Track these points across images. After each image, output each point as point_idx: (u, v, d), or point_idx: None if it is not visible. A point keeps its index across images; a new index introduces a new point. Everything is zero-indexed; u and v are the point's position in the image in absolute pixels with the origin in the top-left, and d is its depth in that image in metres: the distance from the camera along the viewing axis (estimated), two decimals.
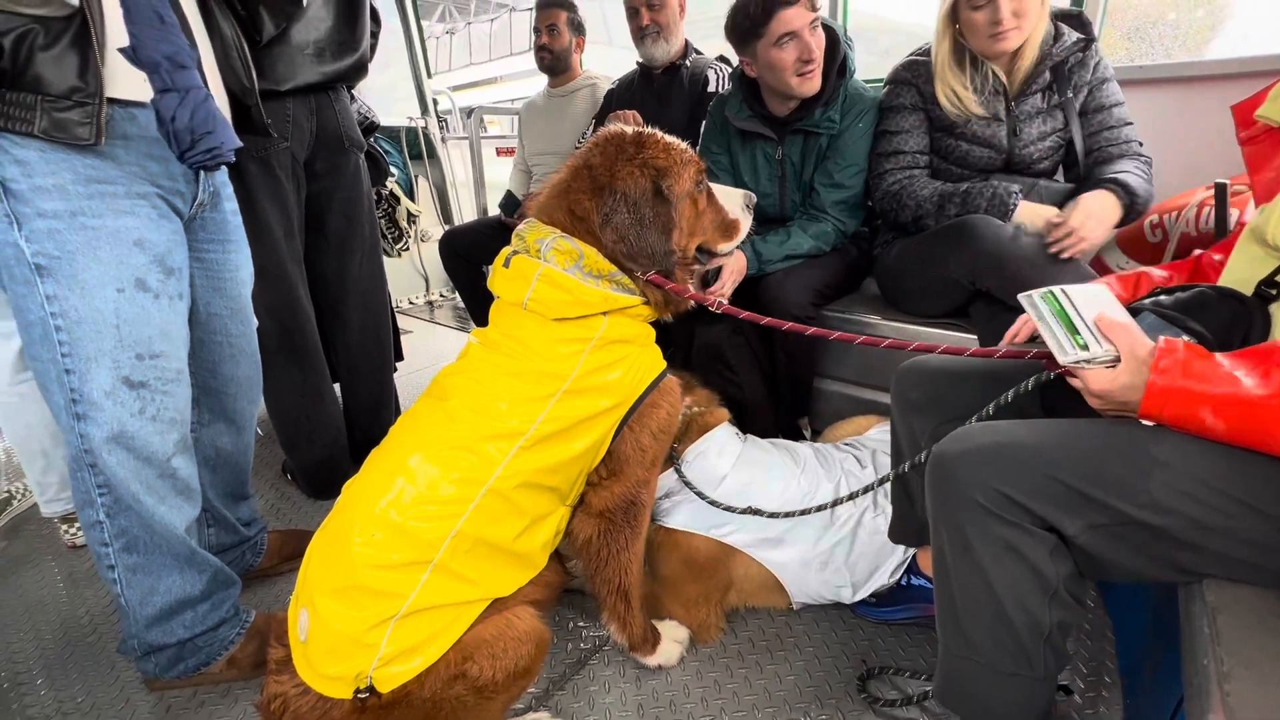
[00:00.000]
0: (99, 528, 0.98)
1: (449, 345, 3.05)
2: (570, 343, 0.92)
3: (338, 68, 1.50)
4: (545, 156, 2.44)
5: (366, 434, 1.77)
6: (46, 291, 0.87)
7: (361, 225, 1.67)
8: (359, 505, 0.87)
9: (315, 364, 1.59)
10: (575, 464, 0.94)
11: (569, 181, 0.95)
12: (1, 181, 0.82)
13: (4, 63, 0.78)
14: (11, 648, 1.24)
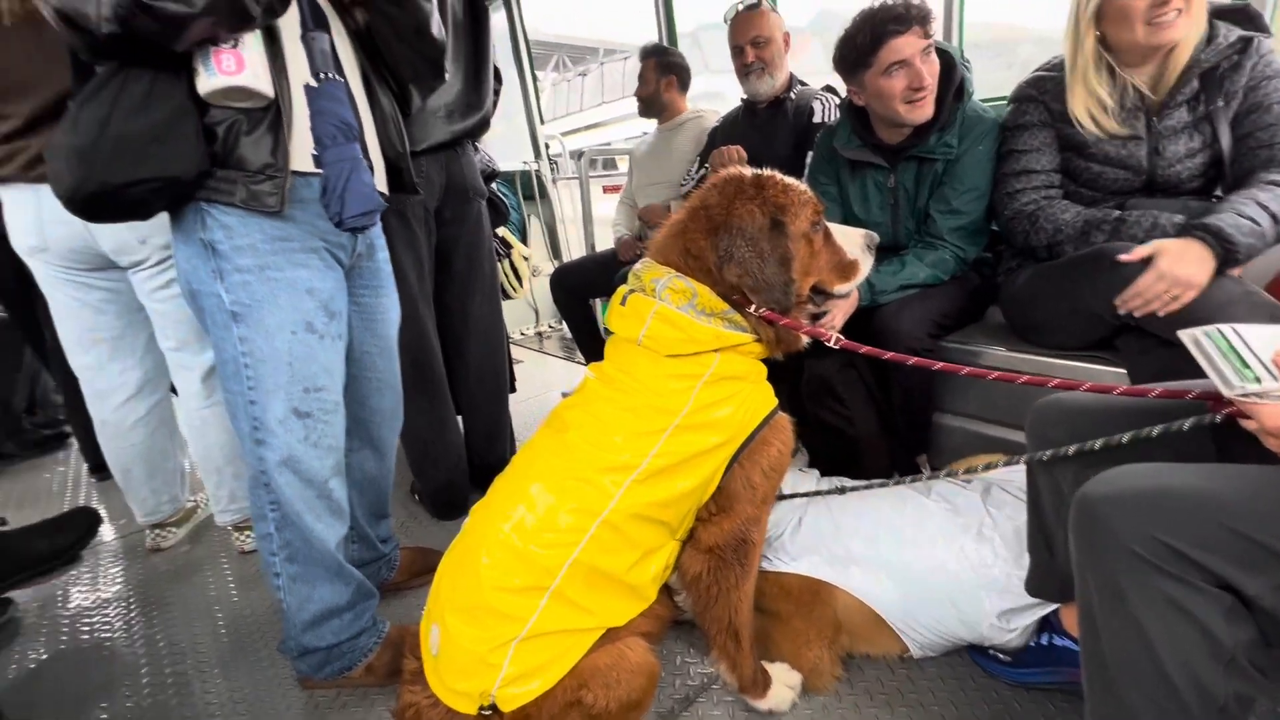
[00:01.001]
0: (269, 539, 1.12)
1: (557, 374, 3.19)
2: (682, 379, 0.94)
3: (465, 126, 1.67)
4: (651, 188, 2.52)
5: (484, 459, 1.89)
6: (239, 334, 1.01)
7: (483, 266, 1.81)
8: (484, 528, 0.94)
9: (441, 395, 1.73)
10: (686, 499, 0.95)
11: (685, 222, 0.99)
12: (210, 243, 0.97)
13: (217, 147, 0.94)
14: (195, 639, 1.43)
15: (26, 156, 1.31)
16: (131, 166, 0.88)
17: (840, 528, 1.17)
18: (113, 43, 0.82)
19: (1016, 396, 1.37)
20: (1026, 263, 1.45)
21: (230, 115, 0.93)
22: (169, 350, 1.59)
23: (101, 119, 0.87)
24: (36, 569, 1.30)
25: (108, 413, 1.62)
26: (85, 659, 1.40)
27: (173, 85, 0.89)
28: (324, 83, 0.98)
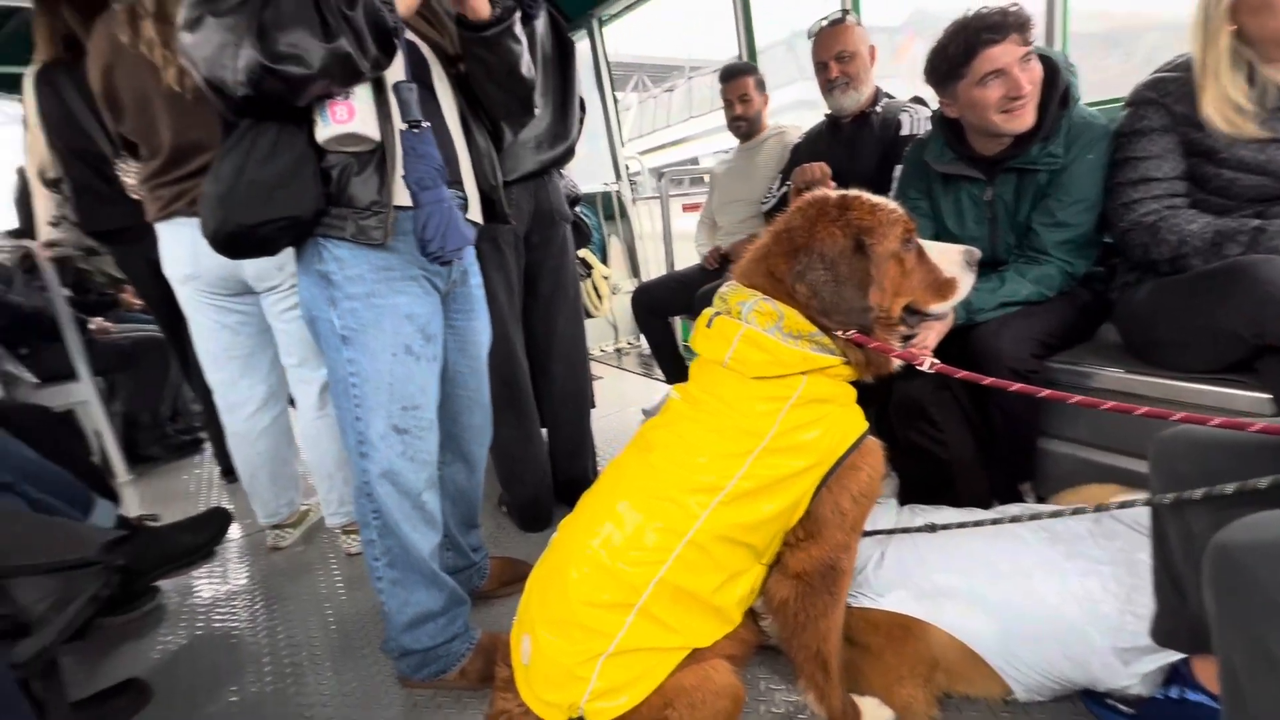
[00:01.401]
0: (372, 545, 1.20)
1: (636, 390, 3.23)
2: (768, 401, 0.94)
3: (552, 155, 1.75)
4: (732, 206, 2.53)
5: (567, 474, 1.94)
6: (348, 356, 1.11)
7: (567, 288, 1.88)
8: (573, 543, 0.97)
9: (528, 411, 1.81)
10: (772, 523, 0.95)
11: (769, 245, 0.99)
12: (326, 274, 1.07)
13: (331, 188, 1.04)
14: (310, 633, 1.55)
15: (191, 195, 1.51)
16: (261, 209, 0.99)
17: (926, 561, 1.12)
18: (248, 103, 0.94)
19: (1135, 422, 1.25)
20: (1146, 276, 1.34)
21: (343, 159, 1.03)
22: (290, 366, 1.75)
23: (237, 168, 0.99)
24: (180, 561, 1.47)
25: (238, 423, 1.81)
26: (217, 645, 1.55)
27: (295, 136, 1.00)
28: (418, 129, 1.05)
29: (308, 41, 0.90)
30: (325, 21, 0.90)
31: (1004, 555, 1.09)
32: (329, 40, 0.91)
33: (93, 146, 1.99)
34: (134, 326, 2.87)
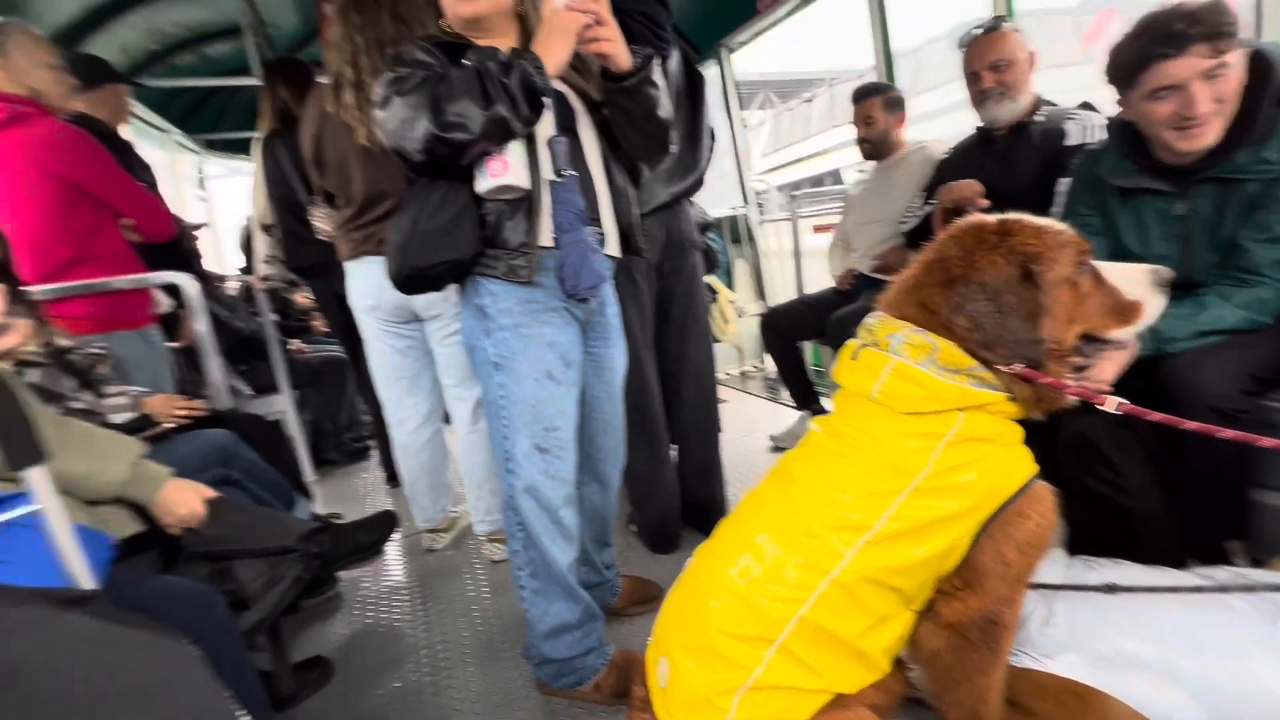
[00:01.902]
0: (516, 555, 1.30)
1: (761, 415, 3.18)
2: (921, 438, 0.89)
3: (683, 186, 1.80)
4: (868, 227, 2.44)
5: (696, 496, 1.96)
6: (498, 380, 1.22)
7: (698, 313, 1.92)
8: (711, 571, 0.98)
9: (658, 434, 1.85)
10: (923, 567, 0.89)
11: (920, 276, 0.95)
12: (481, 307, 1.19)
13: (487, 232, 1.16)
14: (459, 632, 1.69)
15: (378, 238, 1.74)
16: (431, 254, 1.14)
17: (1107, 623, 0.99)
18: (424, 165, 1.10)
19: None
20: None
21: (498, 207, 1.15)
22: (448, 386, 1.94)
23: (413, 221, 1.15)
24: (356, 556, 1.67)
25: (403, 436, 2.03)
26: (381, 635, 1.74)
27: (459, 190, 1.14)
28: (564, 179, 1.16)
29: (471, 110, 1.03)
30: (486, 91, 1.03)
31: (1208, 626, 0.94)
32: (488, 107, 1.03)
33: (296, 198, 2.35)
34: (321, 348, 3.33)
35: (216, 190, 5.26)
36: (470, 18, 1.16)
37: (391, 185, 1.69)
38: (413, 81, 1.06)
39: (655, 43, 1.55)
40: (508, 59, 1.05)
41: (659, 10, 1.55)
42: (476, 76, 1.03)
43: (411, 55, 1.14)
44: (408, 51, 1.15)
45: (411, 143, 1.05)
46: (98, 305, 1.79)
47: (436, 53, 1.14)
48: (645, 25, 1.50)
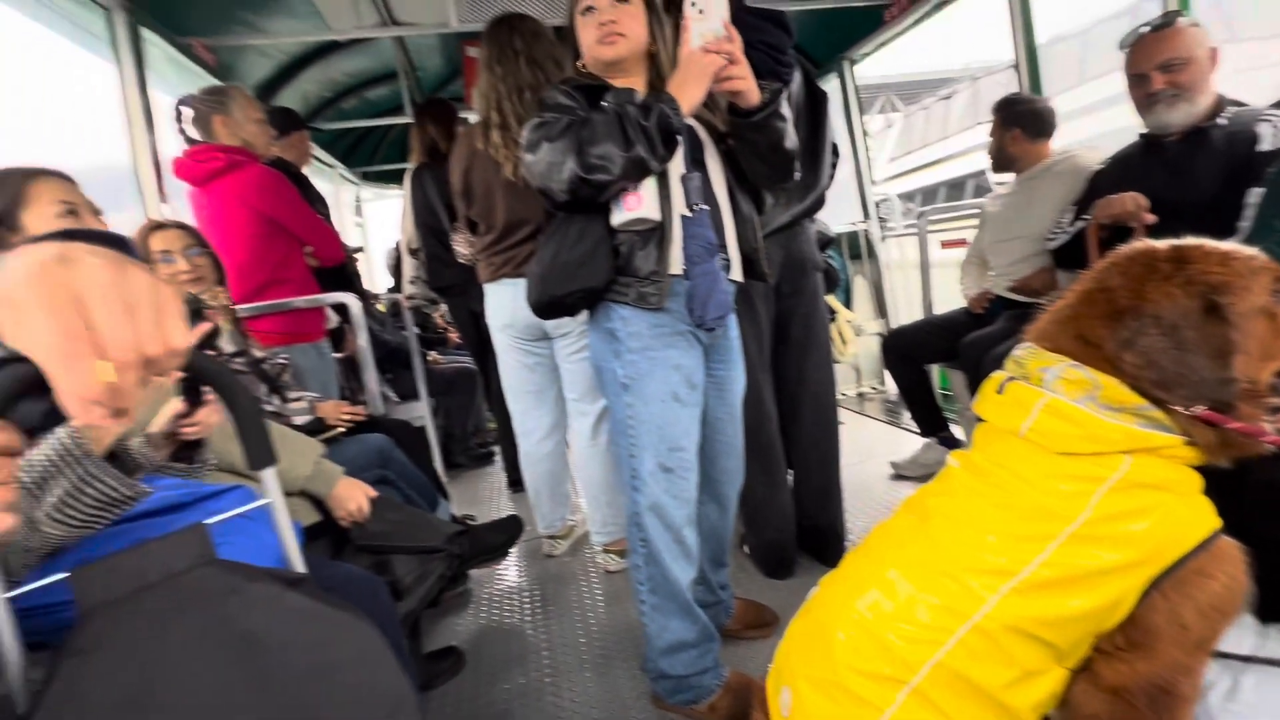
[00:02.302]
0: (638, 570, 1.34)
1: (880, 439, 3.04)
2: (1077, 481, 0.83)
3: (803, 207, 1.79)
4: (1007, 244, 2.27)
5: (813, 522, 1.91)
6: (627, 400, 1.27)
7: (818, 334, 1.89)
8: (837, 602, 0.96)
9: (774, 457, 1.83)
10: (1079, 622, 0.82)
11: (1078, 306, 0.88)
12: (612, 330, 1.26)
13: (620, 261, 1.23)
14: (576, 637, 1.77)
15: (516, 262, 1.89)
16: (568, 283, 1.22)
17: None
18: (566, 204, 1.19)
19: None
20: None
21: (630, 237, 1.22)
22: (571, 400, 2.05)
23: (554, 253, 1.24)
24: (487, 556, 1.80)
25: (529, 447, 2.16)
26: (504, 633, 1.85)
27: (595, 223, 1.22)
28: (695, 212, 1.21)
29: (612, 152, 1.10)
30: (626, 134, 1.10)
31: None
32: (628, 150, 1.10)
33: (440, 225, 2.60)
34: (454, 359, 3.63)
35: (370, 217, 5.91)
36: (611, 60, 1.24)
37: (530, 214, 1.84)
38: (558, 127, 1.15)
39: (777, 70, 1.56)
40: (646, 102, 1.12)
41: (781, 37, 1.57)
42: (617, 120, 1.11)
43: (554, 100, 1.23)
44: (551, 96, 1.25)
45: (558, 184, 1.15)
46: (284, 321, 2.08)
47: (576, 96, 1.23)
48: (767, 53, 1.52)
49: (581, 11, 1.24)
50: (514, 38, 1.80)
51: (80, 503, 0.76)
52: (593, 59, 1.27)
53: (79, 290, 0.43)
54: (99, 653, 0.56)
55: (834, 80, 3.55)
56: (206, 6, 2.55)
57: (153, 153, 2.12)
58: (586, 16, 1.24)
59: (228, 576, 0.64)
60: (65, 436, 0.74)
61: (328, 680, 0.63)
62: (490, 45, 1.82)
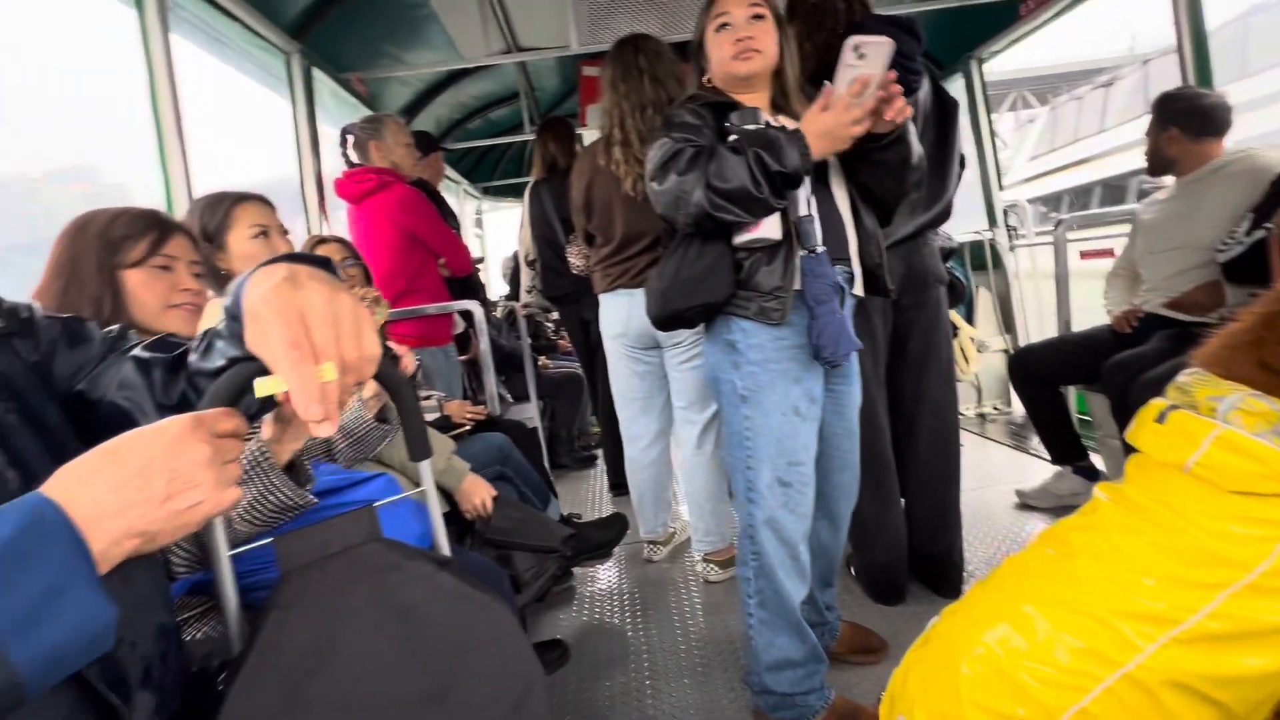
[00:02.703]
0: (748, 583, 1.33)
1: (1001, 464, 2.83)
2: (1255, 524, 0.74)
3: (928, 217, 1.71)
4: (1164, 255, 2.05)
5: (927, 549, 1.82)
6: (744, 412, 1.28)
7: (940, 350, 1.79)
8: (961, 634, 0.91)
9: (887, 477, 1.76)
10: (1258, 684, 0.73)
11: (1260, 329, 0.79)
12: (732, 342, 1.27)
13: (741, 275, 1.24)
14: (675, 643, 1.79)
15: (631, 273, 1.97)
16: (689, 298, 1.26)
17: None
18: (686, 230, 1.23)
19: None
20: None
21: (754, 254, 1.23)
22: (679, 408, 2.08)
23: (675, 269, 1.27)
24: (591, 553, 1.87)
25: (634, 452, 2.22)
26: (605, 632, 1.91)
27: (716, 239, 1.24)
28: (812, 258, 1.19)
29: (740, 194, 1.12)
30: (755, 177, 1.11)
31: None
32: (757, 191, 1.11)
33: (555, 237, 2.74)
34: (562, 365, 3.79)
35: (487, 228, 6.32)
36: (745, 75, 1.26)
37: (647, 227, 1.90)
38: (685, 158, 1.17)
39: (906, 79, 1.51)
40: (778, 141, 1.11)
41: (911, 44, 1.52)
42: (749, 164, 1.11)
43: (681, 119, 1.25)
44: (678, 115, 1.27)
45: (683, 217, 1.19)
46: (419, 326, 2.29)
47: (704, 113, 1.26)
48: (896, 61, 1.48)
49: (716, 28, 1.26)
50: (638, 57, 1.88)
51: (265, 507, 0.90)
52: (725, 74, 1.28)
53: (303, 306, 0.52)
54: (295, 608, 0.65)
55: (959, 81, 3.36)
56: (361, 45, 2.87)
57: (316, 175, 2.42)
58: (721, 32, 1.25)
59: (390, 553, 0.73)
60: (255, 449, 0.88)
61: (470, 655, 0.70)
62: (615, 64, 1.90)
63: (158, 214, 1.06)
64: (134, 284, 0.99)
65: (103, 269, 0.97)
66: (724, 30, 1.25)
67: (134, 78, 1.70)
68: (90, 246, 0.97)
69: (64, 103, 5.01)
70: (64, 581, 0.43)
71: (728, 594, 2.01)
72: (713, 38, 1.27)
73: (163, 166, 1.68)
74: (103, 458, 0.49)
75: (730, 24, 1.24)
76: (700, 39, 1.32)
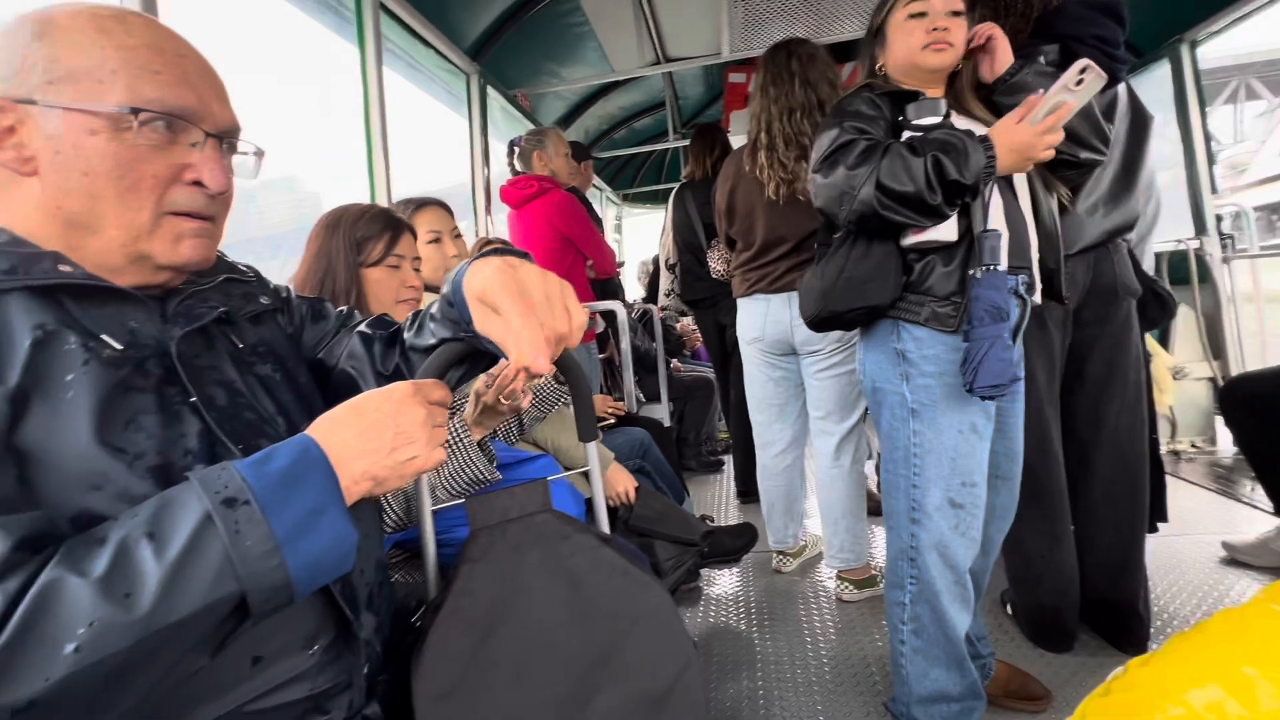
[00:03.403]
0: (901, 608, 1.26)
1: (1203, 509, 2.42)
2: None
3: (1119, 223, 1.52)
4: None
5: (1103, 594, 1.61)
6: (914, 428, 1.20)
7: (1127, 372, 1.59)
8: (1159, 690, 0.80)
9: (1057, 506, 1.58)
10: None
11: None
12: (902, 351, 1.20)
13: (912, 277, 1.18)
14: (807, 659, 1.74)
15: (771, 277, 1.96)
16: (854, 299, 1.20)
17: None
18: (845, 227, 1.18)
19: None
20: None
21: (930, 256, 1.16)
22: (815, 418, 2.03)
23: (839, 268, 1.22)
24: (721, 558, 1.87)
25: (767, 459, 2.19)
26: (732, 636, 1.90)
27: (885, 239, 1.19)
28: (988, 274, 1.10)
29: (914, 199, 1.07)
30: (931, 184, 1.05)
31: None
32: (932, 200, 1.06)
33: (697, 241, 2.78)
34: (693, 368, 3.83)
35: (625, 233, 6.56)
36: (936, 68, 1.20)
37: (788, 232, 1.88)
38: (856, 151, 1.12)
39: (1108, 67, 1.37)
40: (965, 149, 1.05)
41: (1114, 30, 1.37)
42: (926, 168, 1.06)
43: (855, 107, 1.20)
44: (851, 103, 1.21)
45: (845, 213, 1.14)
46: None
47: (880, 104, 1.20)
48: (1097, 47, 1.34)
49: (909, 15, 1.20)
50: (790, 60, 1.86)
51: (460, 479, 1.02)
52: (911, 64, 1.21)
53: (522, 283, 0.59)
54: (483, 562, 0.74)
55: (1163, 68, 2.94)
56: (527, 64, 3.12)
57: (485, 183, 2.67)
58: (914, 20, 1.19)
59: (560, 524, 0.79)
60: (457, 425, 1.00)
61: (632, 627, 0.74)
62: (767, 69, 1.90)
63: (390, 214, 1.23)
64: (373, 281, 1.17)
65: (349, 267, 1.15)
66: (918, 19, 1.19)
67: (333, 99, 1.99)
68: (340, 246, 1.16)
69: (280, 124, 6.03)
70: (323, 503, 0.53)
71: (863, 614, 1.92)
72: (901, 24, 1.21)
73: (370, 174, 1.95)
74: (347, 411, 0.59)
75: (927, 13, 1.18)
76: (880, 25, 1.26)
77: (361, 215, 1.18)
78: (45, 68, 0.54)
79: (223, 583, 0.46)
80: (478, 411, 1.11)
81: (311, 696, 0.62)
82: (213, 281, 0.70)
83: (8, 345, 0.51)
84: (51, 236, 0.57)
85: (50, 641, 0.41)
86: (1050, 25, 1.38)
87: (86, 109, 0.55)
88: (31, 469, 0.49)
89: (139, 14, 0.59)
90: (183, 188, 0.60)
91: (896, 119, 1.18)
